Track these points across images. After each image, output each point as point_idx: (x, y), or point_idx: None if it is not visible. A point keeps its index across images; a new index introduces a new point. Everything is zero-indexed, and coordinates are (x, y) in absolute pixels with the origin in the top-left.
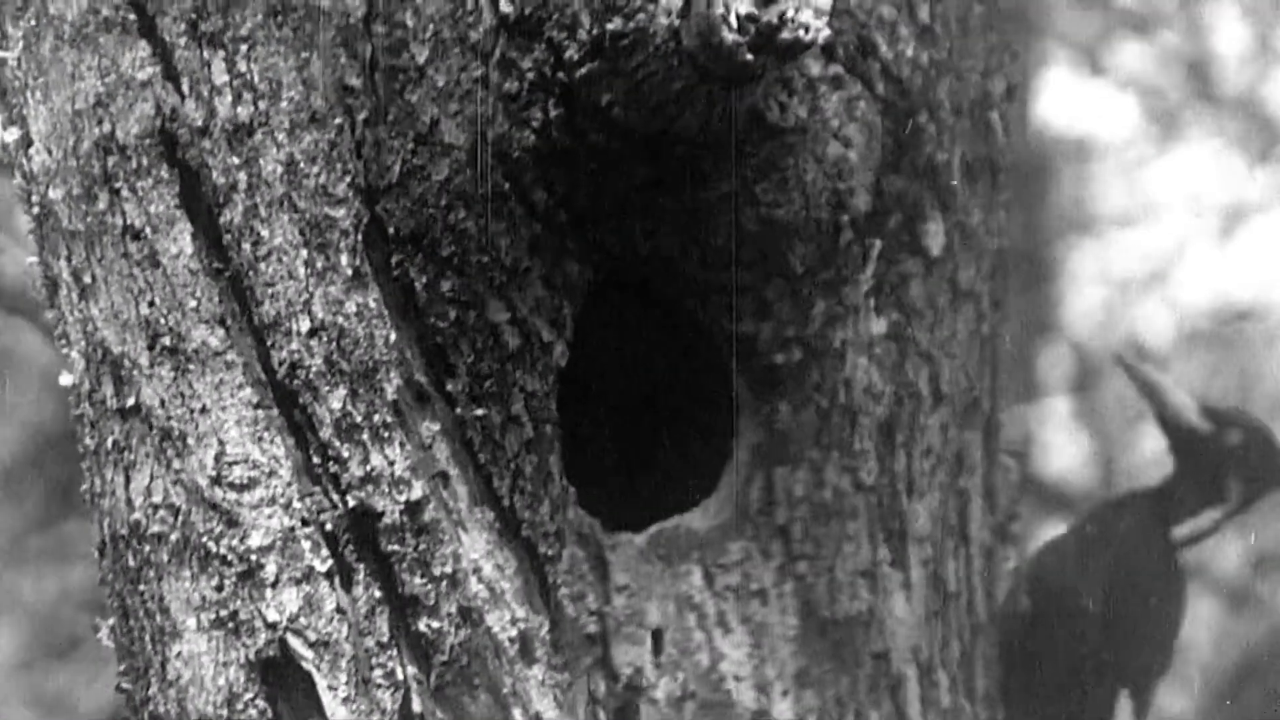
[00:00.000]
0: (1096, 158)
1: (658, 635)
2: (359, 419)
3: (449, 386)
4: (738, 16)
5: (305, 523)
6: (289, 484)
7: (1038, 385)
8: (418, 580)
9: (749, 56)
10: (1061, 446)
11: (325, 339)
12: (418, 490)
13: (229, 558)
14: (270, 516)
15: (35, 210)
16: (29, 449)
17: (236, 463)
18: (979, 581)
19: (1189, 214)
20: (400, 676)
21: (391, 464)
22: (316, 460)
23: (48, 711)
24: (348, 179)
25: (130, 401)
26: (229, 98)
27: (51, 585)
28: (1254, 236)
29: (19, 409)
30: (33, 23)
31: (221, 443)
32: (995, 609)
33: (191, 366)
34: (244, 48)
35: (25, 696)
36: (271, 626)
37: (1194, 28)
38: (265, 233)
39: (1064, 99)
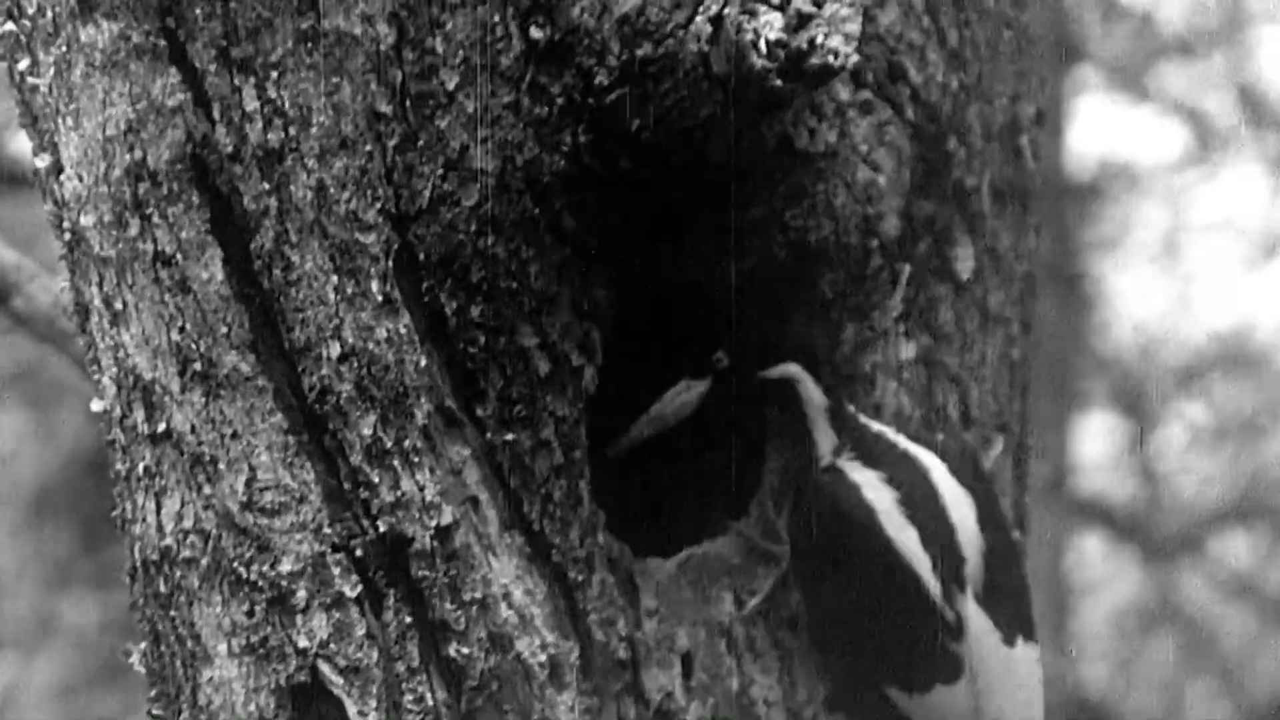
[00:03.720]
0: (1141, 181)
1: (688, 660)
2: (389, 444)
3: (479, 411)
4: (767, 42)
5: (336, 548)
6: (319, 509)
7: (1079, 405)
8: (448, 606)
9: (778, 82)
10: (1103, 465)
11: (355, 364)
12: (448, 515)
13: (259, 583)
14: (301, 542)
15: (66, 237)
16: (71, 475)
17: (267, 488)
18: None
19: (1231, 237)
20: (430, 702)
21: (422, 489)
22: (347, 485)
23: None
24: (378, 205)
25: (161, 427)
26: (259, 124)
27: (95, 611)
28: None
29: (60, 435)
30: (63, 49)
31: (252, 468)
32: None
33: (222, 392)
34: (274, 74)
35: None
36: (302, 653)
37: (1242, 52)
38: (296, 258)
39: (1108, 123)
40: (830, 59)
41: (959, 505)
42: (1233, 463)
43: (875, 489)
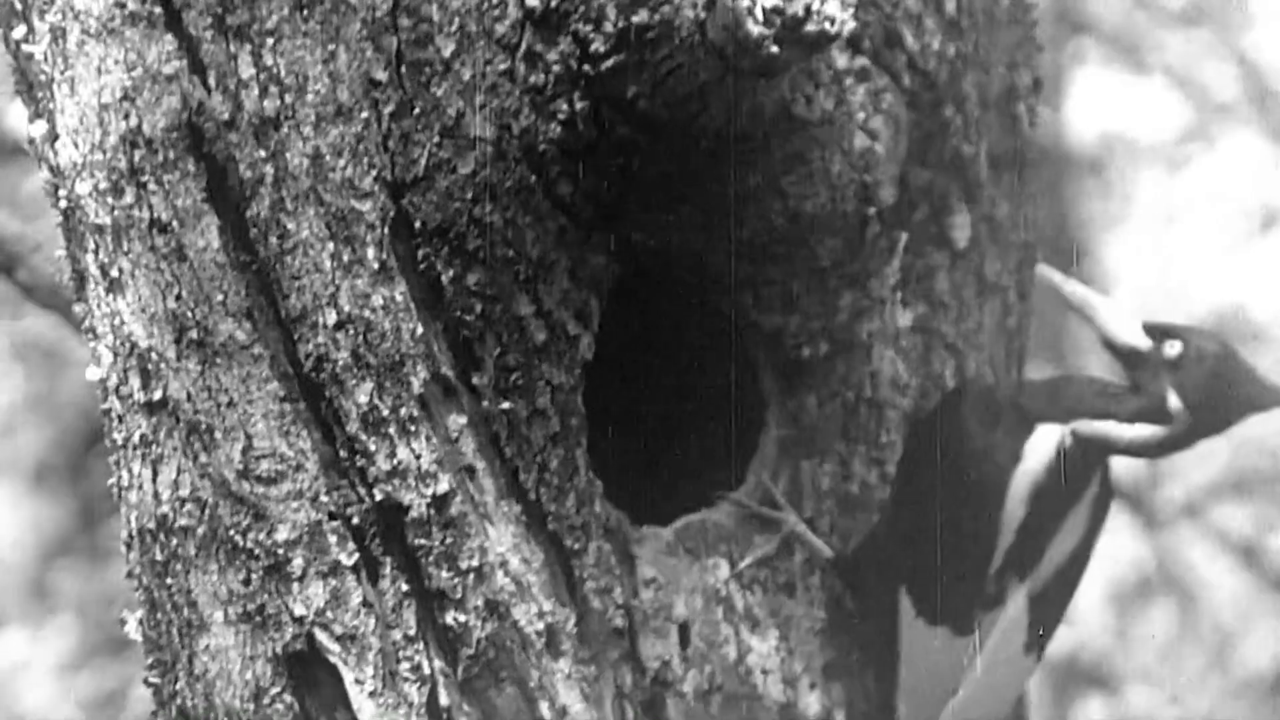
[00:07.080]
0: (1140, 154)
1: (685, 628)
2: (385, 412)
3: (475, 380)
4: (763, 9)
5: (332, 516)
6: (316, 477)
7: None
8: (444, 574)
9: (775, 49)
10: None
11: (352, 332)
12: (444, 484)
13: (256, 551)
14: (297, 510)
15: (63, 204)
16: (73, 445)
17: (264, 456)
18: None
19: (1231, 210)
20: (427, 670)
21: (418, 457)
22: (343, 453)
23: (98, 710)
24: (374, 172)
25: (158, 395)
26: (255, 91)
27: (99, 584)
28: None
29: (63, 406)
30: (59, 17)
31: (249, 436)
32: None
33: (219, 360)
34: (270, 41)
35: (76, 696)
36: (298, 620)
37: (1242, 22)
38: (292, 226)
39: (1107, 96)
40: (827, 25)
41: (1075, 526)
42: (1232, 433)
43: (1025, 476)
